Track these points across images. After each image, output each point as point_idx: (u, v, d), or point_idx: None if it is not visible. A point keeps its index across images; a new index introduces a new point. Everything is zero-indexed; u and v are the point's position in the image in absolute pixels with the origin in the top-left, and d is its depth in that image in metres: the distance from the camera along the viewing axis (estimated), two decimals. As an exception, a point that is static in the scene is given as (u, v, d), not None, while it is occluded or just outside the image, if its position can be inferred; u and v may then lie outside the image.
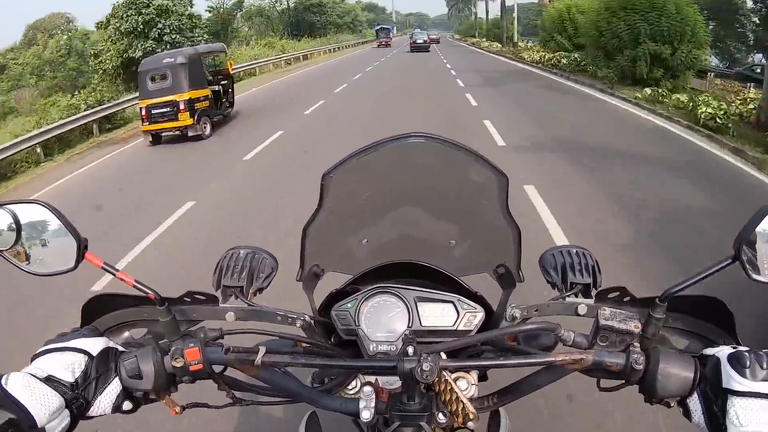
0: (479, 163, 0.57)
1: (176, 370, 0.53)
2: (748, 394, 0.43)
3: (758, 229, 0.46)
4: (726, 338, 0.53)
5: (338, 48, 30.48)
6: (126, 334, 0.61)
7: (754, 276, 0.47)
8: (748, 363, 0.44)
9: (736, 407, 0.43)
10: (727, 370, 0.45)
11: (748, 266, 0.47)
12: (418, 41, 26.28)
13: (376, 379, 0.59)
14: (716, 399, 0.45)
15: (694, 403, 0.48)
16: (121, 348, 0.54)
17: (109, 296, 0.60)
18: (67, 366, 0.49)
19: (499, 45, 25.18)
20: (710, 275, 0.47)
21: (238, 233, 3.60)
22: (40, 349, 0.50)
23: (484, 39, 31.36)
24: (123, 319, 0.61)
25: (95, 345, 0.52)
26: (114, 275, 0.53)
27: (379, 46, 32.64)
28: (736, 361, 0.45)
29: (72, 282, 1.59)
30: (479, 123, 6.77)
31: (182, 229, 3.95)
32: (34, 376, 0.47)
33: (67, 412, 0.47)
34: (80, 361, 0.50)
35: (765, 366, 0.43)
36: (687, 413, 0.48)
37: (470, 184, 0.61)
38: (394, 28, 33.65)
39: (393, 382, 0.59)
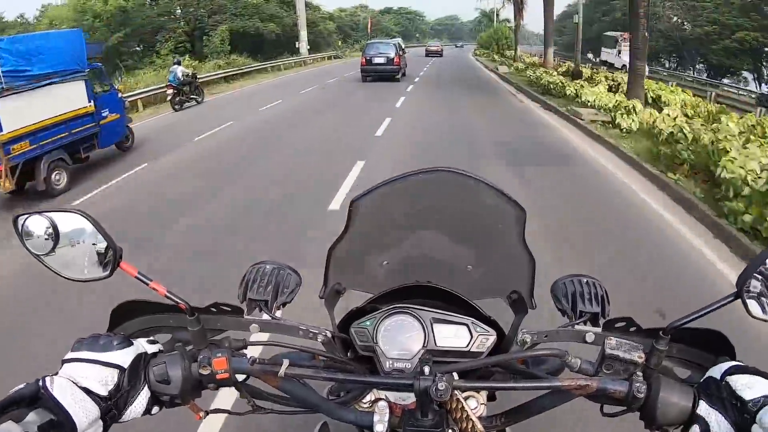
0: (499, 196, 0.63)
1: (203, 377, 0.56)
2: (741, 369, 0.49)
3: (760, 269, 0.51)
4: None
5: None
6: (150, 338, 0.64)
7: (755, 313, 0.51)
8: (750, 369, 0.49)
9: (738, 380, 0.48)
10: (718, 367, 0.51)
11: (749, 304, 0.51)
12: (376, 61, 15.62)
13: (386, 396, 0.63)
14: (720, 392, 0.49)
15: (705, 410, 0.50)
16: (150, 350, 0.58)
17: (139, 302, 0.63)
18: (101, 380, 0.52)
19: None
20: (713, 311, 0.52)
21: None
22: (72, 355, 0.53)
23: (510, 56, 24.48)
24: (149, 324, 0.64)
25: (126, 356, 0.54)
26: (147, 285, 0.56)
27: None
28: (737, 369, 0.50)
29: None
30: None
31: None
32: (75, 383, 0.50)
33: (101, 422, 0.51)
34: (113, 374, 0.53)
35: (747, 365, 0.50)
36: (705, 430, 0.50)
37: (489, 214, 0.66)
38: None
39: (405, 398, 0.62)
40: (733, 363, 0.50)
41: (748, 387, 0.48)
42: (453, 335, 0.64)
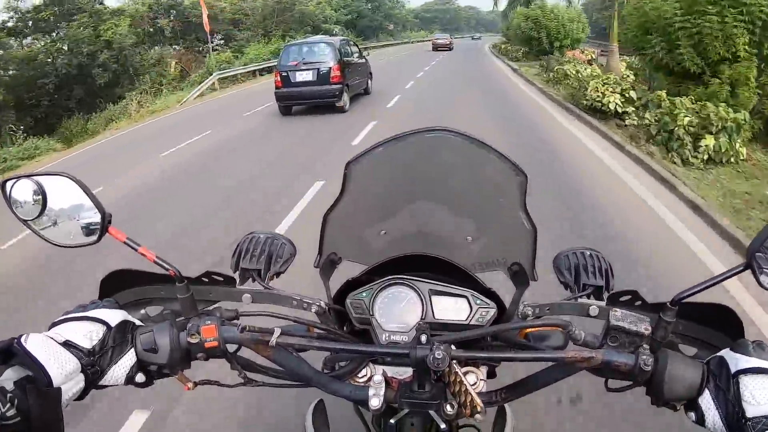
0: (500, 160, 1.20)
1: (191, 346, 1.05)
2: (760, 369, 0.86)
3: None
4: None
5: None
6: (142, 310, 1.17)
7: (765, 284, 0.92)
8: (750, 346, 0.90)
9: (750, 387, 0.85)
10: (731, 355, 0.90)
11: (759, 274, 0.91)
12: (300, 78, 17.06)
13: (383, 370, 1.16)
14: (728, 390, 0.88)
15: (706, 401, 0.91)
16: (138, 322, 1.09)
17: (129, 272, 1.19)
18: (86, 333, 0.98)
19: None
20: (722, 281, 0.94)
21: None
22: (59, 318, 1.01)
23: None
24: (140, 296, 1.20)
25: (114, 316, 1.04)
26: (136, 250, 1.07)
27: None
28: (738, 347, 0.91)
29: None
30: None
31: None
32: (53, 339, 0.93)
33: (81, 376, 0.95)
34: (98, 330, 1.00)
35: (767, 350, 0.89)
36: (700, 419, 0.92)
37: (489, 180, 1.25)
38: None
39: (402, 373, 1.16)
40: (753, 363, 0.87)
41: (755, 400, 0.84)
42: (452, 308, 1.20)
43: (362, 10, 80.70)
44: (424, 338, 1.04)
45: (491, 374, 1.27)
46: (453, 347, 1.05)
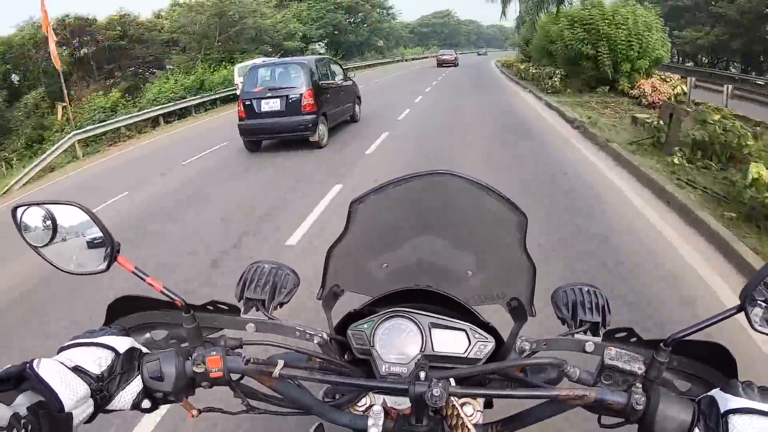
0: (500, 201, 1.45)
1: (196, 375, 1.28)
2: (747, 410, 1.04)
3: (764, 282, 1.07)
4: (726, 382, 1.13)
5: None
6: (147, 335, 1.44)
7: (758, 327, 1.09)
8: (740, 387, 1.08)
9: (738, 427, 1.03)
10: (722, 395, 1.09)
11: (752, 317, 1.09)
12: (266, 107, 16.54)
13: (384, 399, 1.41)
14: (717, 430, 1.06)
15: None
16: (144, 349, 1.32)
17: (135, 298, 1.45)
18: (95, 359, 1.19)
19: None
20: (716, 323, 1.11)
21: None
22: (68, 343, 1.21)
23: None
24: (145, 320, 1.46)
25: (122, 343, 1.26)
26: (144, 280, 1.32)
27: None
28: (728, 387, 1.10)
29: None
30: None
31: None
32: (63, 364, 1.12)
33: (91, 401, 1.15)
34: (107, 356, 1.21)
35: (756, 390, 1.07)
36: None
37: (490, 220, 1.51)
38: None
39: (402, 403, 1.42)
40: (742, 404, 1.05)
41: None
42: (451, 341, 1.47)
43: (339, 23, 78.36)
44: (422, 375, 1.23)
45: (489, 405, 1.55)
46: (452, 381, 1.24)
